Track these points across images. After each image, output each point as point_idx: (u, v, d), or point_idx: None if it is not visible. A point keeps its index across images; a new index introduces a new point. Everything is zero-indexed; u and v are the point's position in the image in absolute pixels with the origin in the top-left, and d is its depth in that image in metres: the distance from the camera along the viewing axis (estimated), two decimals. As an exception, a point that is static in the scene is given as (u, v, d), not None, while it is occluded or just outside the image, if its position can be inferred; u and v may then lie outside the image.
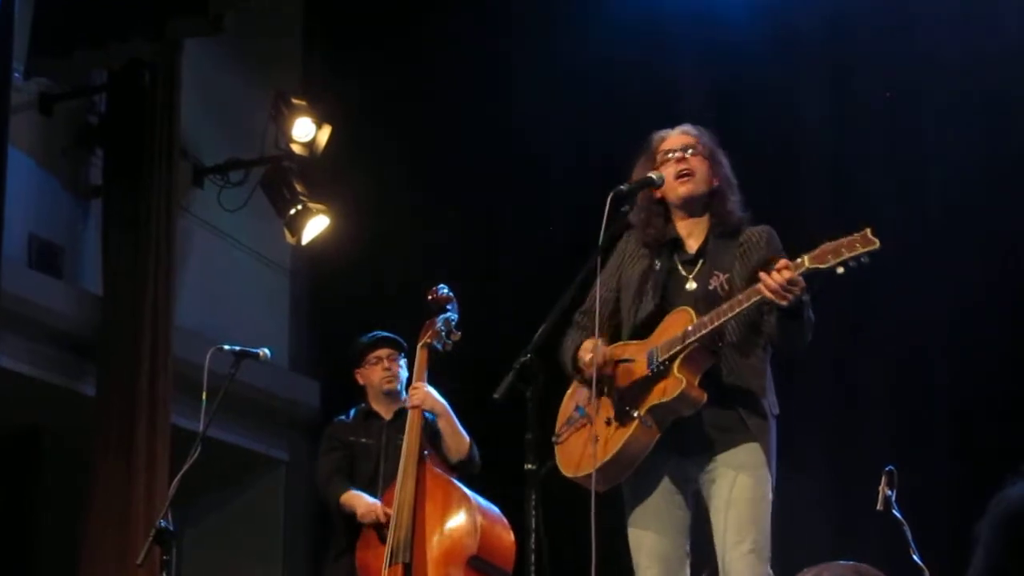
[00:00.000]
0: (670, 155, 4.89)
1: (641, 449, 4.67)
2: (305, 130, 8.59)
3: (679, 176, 4.85)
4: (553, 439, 4.86)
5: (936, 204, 7.85)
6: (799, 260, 4.43)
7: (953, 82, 7.86)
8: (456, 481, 6.08)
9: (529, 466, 4.23)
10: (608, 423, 4.71)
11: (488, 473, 6.32)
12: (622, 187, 4.71)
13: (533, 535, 4.23)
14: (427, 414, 6.26)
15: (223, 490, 9.56)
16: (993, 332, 7.60)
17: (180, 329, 8.04)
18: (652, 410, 4.63)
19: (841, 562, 6.21)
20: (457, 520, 5.95)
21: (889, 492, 5.75)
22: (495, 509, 6.07)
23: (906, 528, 5.71)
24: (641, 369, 4.69)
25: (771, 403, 4.79)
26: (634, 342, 4.79)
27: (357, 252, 8.99)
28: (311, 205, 8.69)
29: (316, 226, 8.73)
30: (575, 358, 4.82)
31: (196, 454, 5.75)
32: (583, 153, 8.65)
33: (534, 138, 8.79)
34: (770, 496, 4.73)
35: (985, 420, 7.46)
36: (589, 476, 4.55)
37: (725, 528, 4.70)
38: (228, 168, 8.94)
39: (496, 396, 4.19)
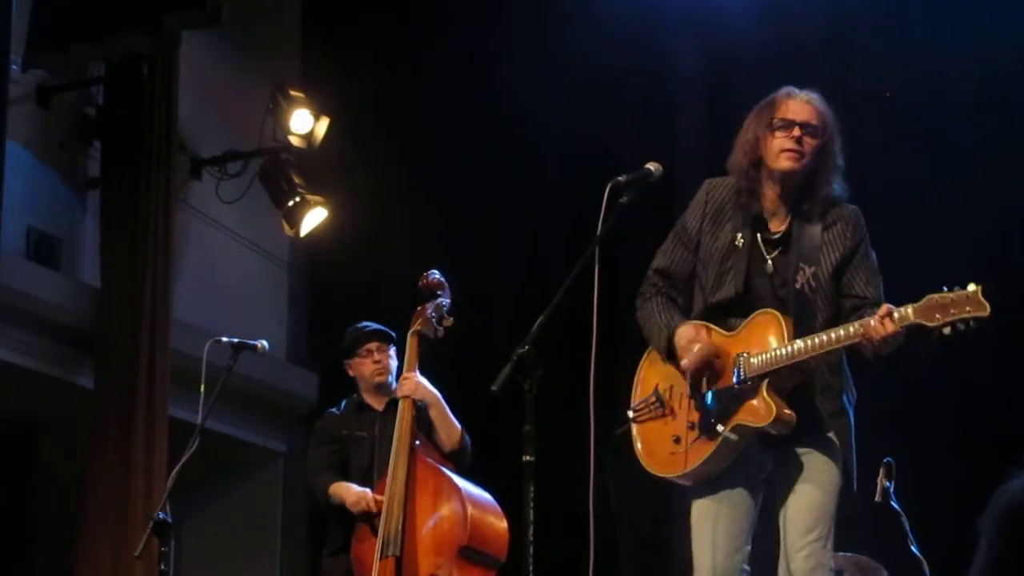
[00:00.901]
0: (786, 124, 4.68)
1: (727, 457, 4.63)
2: (303, 122, 8.58)
3: (787, 151, 4.66)
4: (630, 413, 4.80)
5: (933, 196, 7.85)
6: (904, 311, 4.35)
7: (952, 82, 7.86)
8: (447, 471, 6.03)
9: (527, 458, 4.22)
10: (692, 427, 4.65)
11: (487, 464, 6.31)
12: (619, 178, 4.69)
13: (531, 527, 4.23)
14: (419, 404, 6.22)
15: (221, 482, 9.56)
16: (994, 323, 7.59)
17: (178, 321, 8.04)
18: (737, 428, 4.57)
19: (839, 553, 6.23)
20: (447, 511, 5.91)
21: (887, 484, 5.76)
22: (487, 497, 6.02)
23: (904, 519, 5.72)
24: (727, 375, 4.61)
25: (851, 396, 4.75)
26: (718, 332, 4.67)
27: (355, 244, 8.99)
28: (309, 197, 8.69)
29: (314, 218, 8.72)
30: (670, 340, 4.68)
31: (194, 446, 5.75)
32: (582, 144, 8.64)
33: (533, 130, 8.79)
34: (838, 494, 4.65)
35: (983, 411, 7.47)
36: (675, 477, 4.64)
37: (795, 517, 4.64)
38: (226, 160, 8.92)
39: (494, 388, 4.18)
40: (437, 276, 6.44)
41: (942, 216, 7.81)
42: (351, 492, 6.12)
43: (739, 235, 4.72)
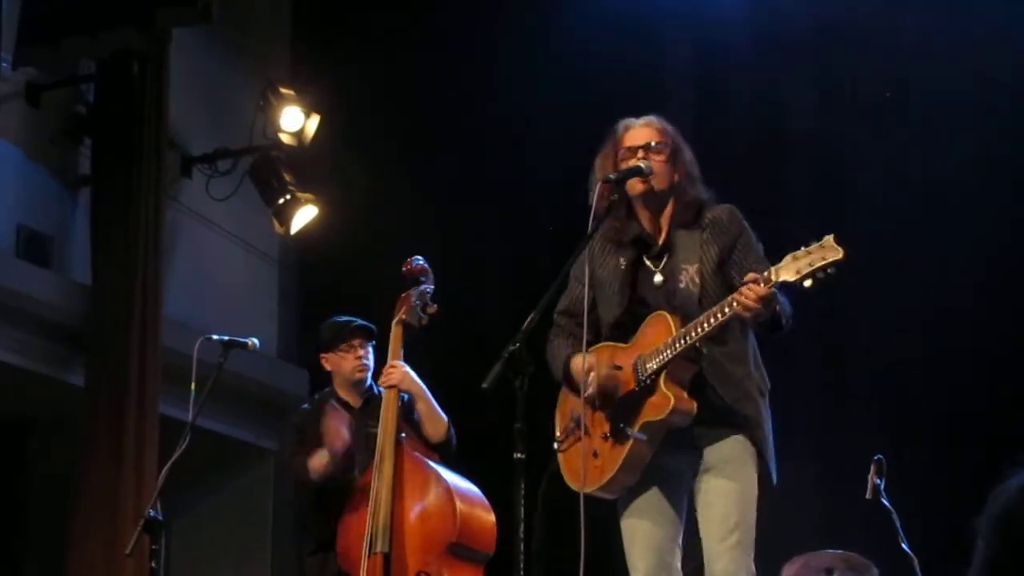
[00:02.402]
0: (632, 151, 4.84)
1: (641, 460, 4.72)
2: (294, 119, 8.57)
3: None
4: (555, 445, 4.90)
5: (926, 196, 7.85)
6: (767, 274, 4.43)
7: (942, 79, 7.86)
8: (434, 465, 5.97)
9: (518, 455, 4.23)
10: (605, 438, 4.75)
11: (477, 461, 6.30)
12: (611, 175, 4.72)
13: (522, 524, 4.23)
14: (403, 395, 6.15)
15: (212, 479, 9.55)
16: (984, 321, 7.62)
17: (169, 319, 8.03)
18: (645, 426, 4.66)
19: (830, 550, 6.24)
20: (436, 507, 5.85)
21: (878, 480, 5.76)
22: (475, 491, 5.96)
23: (895, 516, 5.73)
24: (628, 381, 4.72)
25: (758, 383, 4.81)
26: (617, 346, 4.81)
27: (346, 242, 8.98)
28: (299, 195, 8.68)
29: (305, 216, 8.72)
30: (567, 372, 4.85)
31: (185, 443, 5.74)
32: (574, 140, 8.62)
33: (524, 128, 8.79)
34: (756, 489, 4.74)
35: (974, 409, 7.48)
36: (597, 491, 4.73)
37: (710, 521, 4.73)
38: (216, 158, 8.91)
39: (485, 386, 4.19)
40: (421, 262, 6.38)
41: (933, 208, 7.82)
42: (327, 439, 6.02)
43: (621, 260, 4.86)
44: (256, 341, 6.26)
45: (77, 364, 7.83)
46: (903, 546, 5.73)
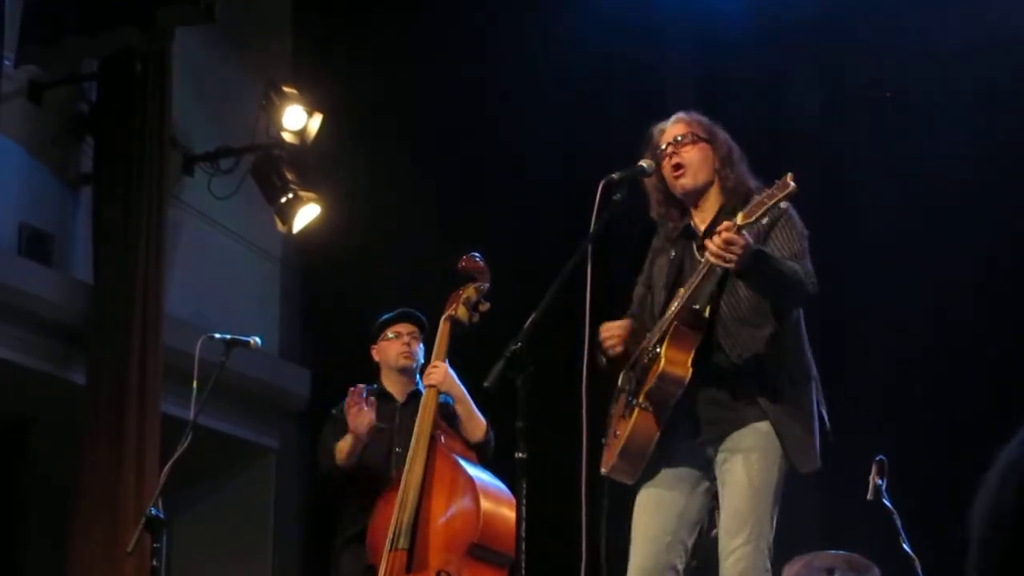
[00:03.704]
0: (665, 149, 4.86)
1: (646, 437, 4.67)
2: (296, 118, 8.57)
3: (674, 171, 4.83)
4: (603, 440, 4.89)
5: (927, 195, 7.85)
6: (733, 219, 4.44)
7: (945, 74, 7.86)
8: (465, 464, 5.91)
9: (519, 455, 4.23)
10: (622, 417, 4.75)
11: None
12: (613, 175, 4.71)
13: (524, 523, 4.24)
14: (443, 396, 6.10)
15: (213, 478, 9.54)
16: (986, 323, 7.61)
17: (170, 317, 8.03)
18: (648, 395, 4.63)
19: (831, 551, 6.24)
20: (460, 507, 5.83)
21: (879, 481, 5.76)
22: (505, 493, 5.85)
23: (896, 517, 5.73)
24: (644, 353, 4.72)
25: (793, 369, 4.74)
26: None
27: (348, 240, 8.98)
28: (302, 193, 8.67)
29: (307, 214, 8.71)
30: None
31: (186, 442, 5.75)
32: (576, 139, 8.64)
33: (528, 126, 8.78)
34: (775, 482, 4.67)
35: (976, 409, 7.47)
36: (611, 472, 4.72)
37: (722, 515, 4.70)
38: (219, 156, 8.91)
39: (487, 384, 4.19)
40: (479, 259, 6.28)
41: (936, 207, 7.81)
42: (353, 426, 5.98)
43: (672, 254, 4.89)
44: (258, 340, 6.25)
45: (78, 362, 7.82)
46: (904, 547, 5.73)
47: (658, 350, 4.62)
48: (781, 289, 4.62)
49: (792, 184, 4.37)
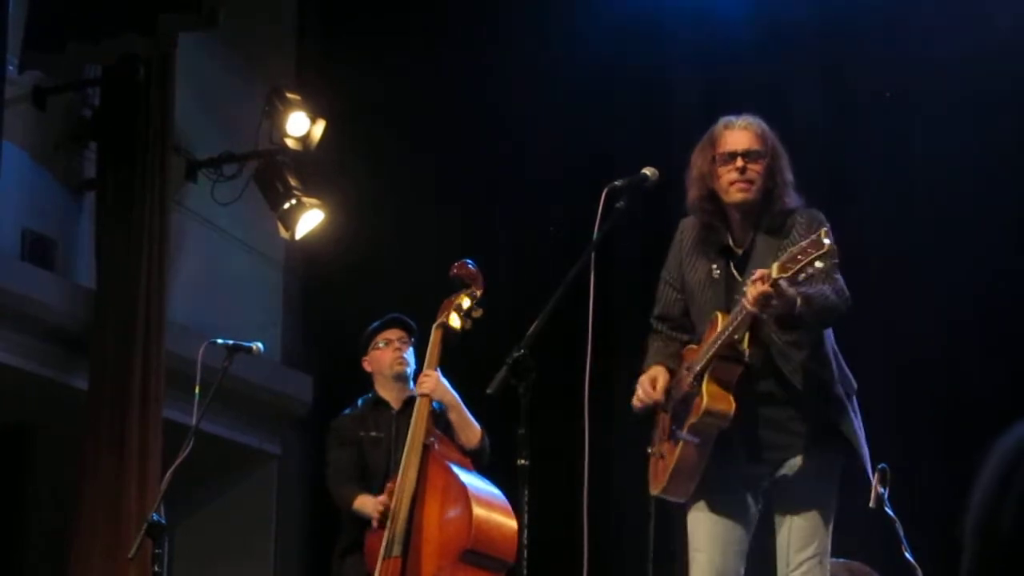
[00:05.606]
0: (729, 157, 4.77)
1: (695, 463, 4.71)
2: (299, 125, 8.56)
3: (735, 183, 4.75)
4: (648, 450, 4.92)
5: (931, 197, 7.85)
6: (767, 271, 4.39)
7: (947, 80, 7.86)
8: (458, 470, 5.93)
9: (521, 462, 4.22)
10: (667, 440, 4.78)
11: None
12: (616, 183, 4.71)
13: (526, 531, 4.23)
14: (436, 404, 6.12)
15: (215, 484, 9.55)
16: (988, 330, 7.60)
17: (173, 323, 8.04)
18: (692, 428, 4.65)
19: (833, 559, 6.22)
20: (452, 514, 5.84)
21: (882, 490, 5.74)
22: (499, 499, 5.89)
23: (898, 526, 5.71)
24: (686, 382, 4.72)
25: (842, 387, 4.79)
26: (695, 347, 4.81)
27: (351, 247, 8.97)
28: (305, 199, 8.67)
29: (310, 221, 8.71)
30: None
31: (188, 448, 5.75)
32: (579, 147, 8.64)
33: (531, 134, 8.79)
34: (835, 501, 4.78)
35: (980, 417, 7.46)
36: (661, 493, 4.79)
37: (790, 536, 4.74)
38: (222, 162, 8.91)
39: (490, 391, 4.19)
40: (471, 265, 6.27)
41: (938, 214, 7.81)
42: (371, 509, 6.04)
43: (714, 267, 4.82)
44: (260, 345, 6.26)
45: (80, 368, 7.82)
46: (907, 555, 5.72)
47: (700, 386, 4.61)
48: (818, 322, 4.65)
49: (827, 242, 4.26)
